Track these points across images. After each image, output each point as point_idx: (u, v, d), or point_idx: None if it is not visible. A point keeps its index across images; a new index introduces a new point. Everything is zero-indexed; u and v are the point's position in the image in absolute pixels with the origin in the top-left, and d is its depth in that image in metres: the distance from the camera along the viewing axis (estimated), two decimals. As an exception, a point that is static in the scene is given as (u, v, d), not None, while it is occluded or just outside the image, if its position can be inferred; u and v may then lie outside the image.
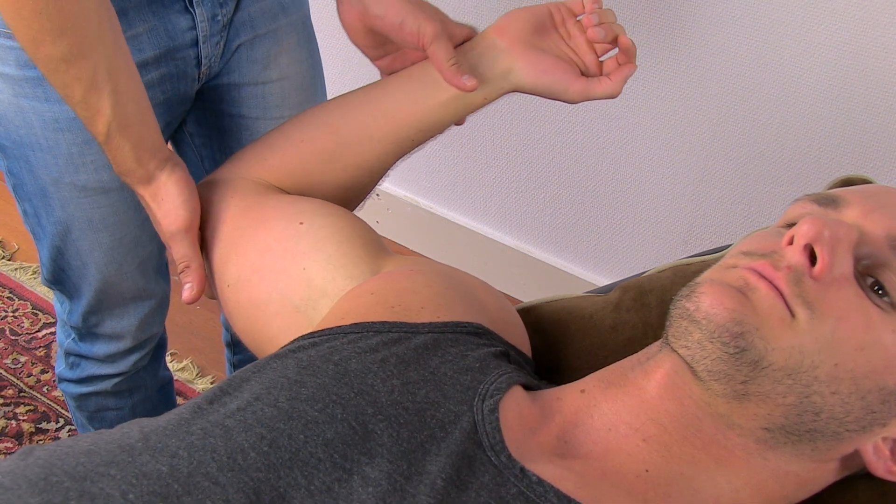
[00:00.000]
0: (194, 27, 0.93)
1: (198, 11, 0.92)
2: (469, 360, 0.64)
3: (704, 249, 0.94)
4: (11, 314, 1.87)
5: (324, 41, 1.13)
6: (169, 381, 1.30)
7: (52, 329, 1.83)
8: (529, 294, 1.83)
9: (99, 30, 0.73)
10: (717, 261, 0.66)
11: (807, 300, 0.57)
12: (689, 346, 0.58)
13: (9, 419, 1.65)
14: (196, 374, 1.77)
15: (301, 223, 0.77)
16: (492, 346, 0.67)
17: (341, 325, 0.66)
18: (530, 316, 0.82)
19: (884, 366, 0.57)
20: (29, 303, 1.89)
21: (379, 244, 0.79)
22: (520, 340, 0.73)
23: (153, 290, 1.10)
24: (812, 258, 0.58)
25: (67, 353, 1.16)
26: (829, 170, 1.41)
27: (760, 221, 1.52)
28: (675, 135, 1.55)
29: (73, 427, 1.63)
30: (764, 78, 1.41)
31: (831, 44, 1.32)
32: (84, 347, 1.14)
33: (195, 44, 0.94)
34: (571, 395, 0.64)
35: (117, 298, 1.07)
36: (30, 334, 1.83)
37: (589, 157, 1.68)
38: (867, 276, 0.59)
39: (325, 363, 0.61)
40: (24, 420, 1.65)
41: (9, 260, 2.00)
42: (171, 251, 0.82)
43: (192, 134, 1.08)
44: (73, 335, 1.14)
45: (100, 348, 1.13)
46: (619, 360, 0.66)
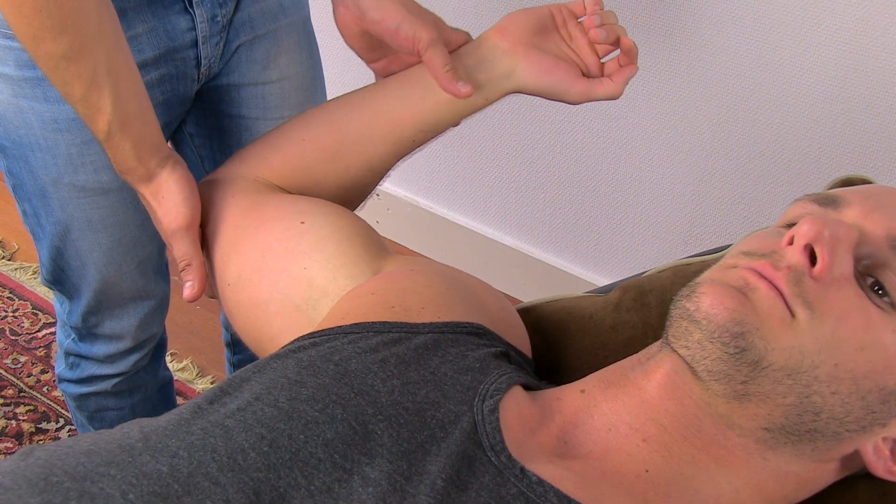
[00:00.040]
0: (194, 28, 0.93)
1: (197, 12, 0.92)
2: (469, 361, 0.64)
3: (704, 249, 0.94)
4: (11, 314, 1.87)
5: (324, 41, 1.13)
6: (169, 382, 1.30)
7: (52, 329, 1.83)
8: (529, 294, 1.83)
9: (99, 27, 0.73)
10: (717, 261, 0.66)
11: (807, 300, 0.57)
12: (690, 346, 0.58)
13: (9, 419, 1.65)
14: (196, 374, 1.77)
15: (302, 222, 0.77)
16: (492, 346, 0.67)
17: (342, 325, 0.66)
18: (530, 316, 0.82)
19: (884, 366, 0.57)
20: (29, 303, 1.89)
21: (380, 244, 0.79)
22: (520, 341, 0.73)
23: (153, 290, 1.10)
24: (812, 258, 0.58)
25: (67, 354, 1.16)
26: (829, 170, 1.41)
27: (760, 221, 1.52)
28: (675, 135, 1.55)
29: (73, 427, 1.63)
30: (764, 78, 1.41)
31: (831, 44, 1.32)
32: (84, 348, 1.14)
33: (195, 44, 0.94)
34: (571, 395, 0.64)
35: (117, 299, 1.07)
36: (30, 334, 1.83)
37: (589, 157, 1.68)
38: (867, 276, 0.59)
39: (326, 363, 0.61)
40: (24, 420, 1.65)
41: (9, 260, 2.00)
42: (171, 250, 0.82)
43: (192, 134, 1.08)
44: (72, 335, 1.14)
45: (100, 348, 1.13)
46: (619, 360, 0.66)
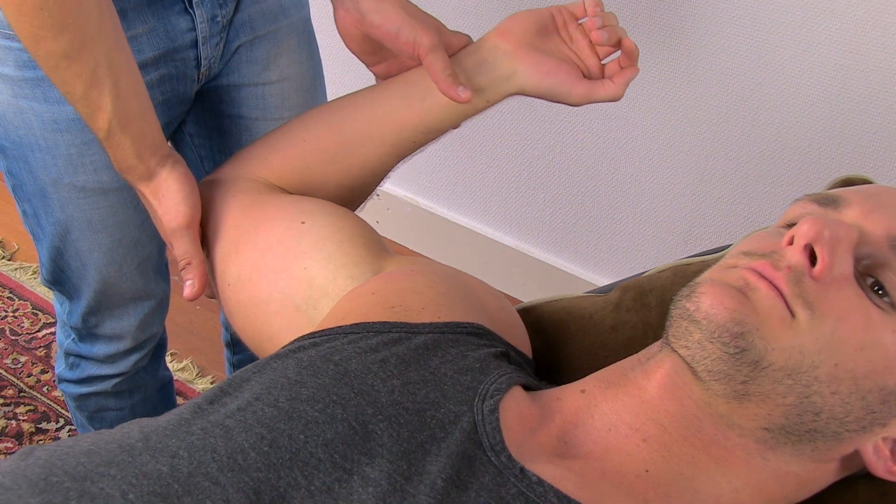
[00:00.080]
0: (194, 28, 0.93)
1: (197, 12, 0.92)
2: (469, 361, 0.64)
3: (704, 249, 0.94)
4: (11, 314, 1.87)
5: (324, 42, 1.13)
6: (169, 382, 1.30)
7: (52, 329, 1.83)
8: (529, 294, 1.83)
9: (100, 26, 0.73)
10: (717, 261, 0.66)
11: (807, 300, 0.57)
12: (690, 346, 0.58)
13: (9, 419, 1.65)
14: (196, 374, 1.77)
15: (303, 222, 0.77)
16: (492, 346, 0.67)
17: (342, 326, 0.66)
18: (530, 316, 0.82)
19: (884, 366, 0.57)
20: (29, 303, 1.89)
21: (380, 244, 0.79)
22: (520, 341, 0.73)
23: (153, 290, 1.10)
24: (812, 258, 0.58)
25: (67, 354, 1.16)
26: (829, 170, 1.41)
27: (760, 221, 1.51)
28: (675, 135, 1.55)
29: (73, 427, 1.63)
30: (764, 78, 1.41)
31: (831, 44, 1.32)
32: (84, 348, 1.13)
33: (195, 45, 0.94)
34: (571, 395, 0.64)
35: (117, 299, 1.07)
36: (30, 334, 1.83)
37: (589, 157, 1.68)
38: (867, 276, 0.59)
39: (326, 363, 0.61)
40: (24, 420, 1.65)
41: (9, 260, 2.00)
42: (171, 248, 0.82)
43: (192, 135, 1.08)
44: (72, 335, 1.14)
45: (99, 349, 1.13)
46: (619, 360, 0.66)
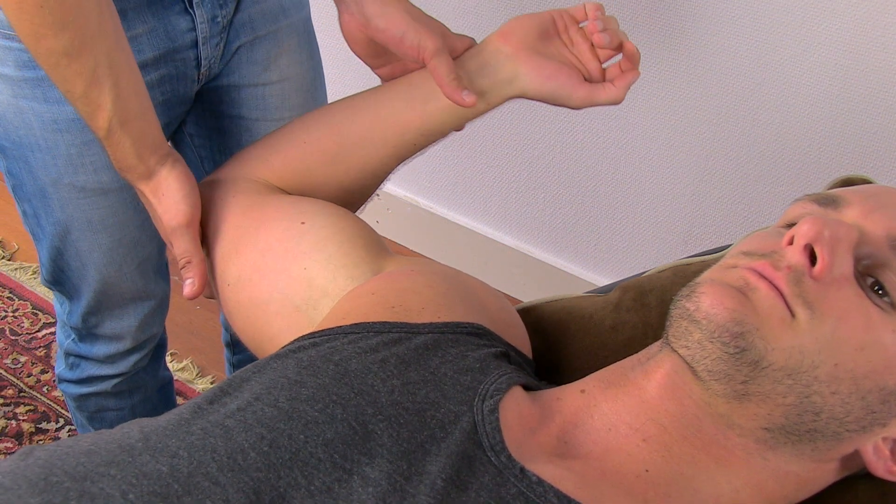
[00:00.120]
0: (194, 28, 0.93)
1: (197, 13, 0.92)
2: (469, 361, 0.64)
3: (704, 249, 0.94)
4: (11, 314, 1.87)
5: (324, 42, 1.13)
6: (169, 382, 1.30)
7: (52, 329, 1.83)
8: (529, 294, 1.83)
9: (100, 24, 0.73)
10: (717, 261, 0.66)
11: (807, 300, 0.57)
12: (690, 346, 0.58)
13: (9, 419, 1.65)
14: (196, 374, 1.77)
15: (303, 223, 0.77)
16: (492, 346, 0.67)
17: (342, 326, 0.66)
18: (530, 316, 0.82)
19: (884, 366, 0.57)
20: (29, 303, 1.89)
21: (380, 245, 0.79)
22: (520, 341, 0.73)
23: (153, 290, 1.10)
24: (812, 258, 0.58)
25: (67, 354, 1.16)
26: (829, 170, 1.41)
27: (760, 221, 1.51)
28: (675, 135, 1.55)
29: (73, 427, 1.63)
30: (764, 78, 1.41)
31: (831, 44, 1.32)
32: (84, 348, 1.13)
33: (195, 45, 0.94)
34: (571, 395, 0.64)
35: (117, 299, 1.07)
36: (30, 334, 1.83)
37: (589, 157, 1.68)
38: (867, 276, 0.59)
39: (326, 363, 0.61)
40: (24, 420, 1.65)
41: (9, 260, 2.00)
42: (171, 248, 0.82)
43: (192, 135, 1.08)
44: (72, 336, 1.14)
45: (100, 349, 1.13)
46: (619, 360, 0.66)
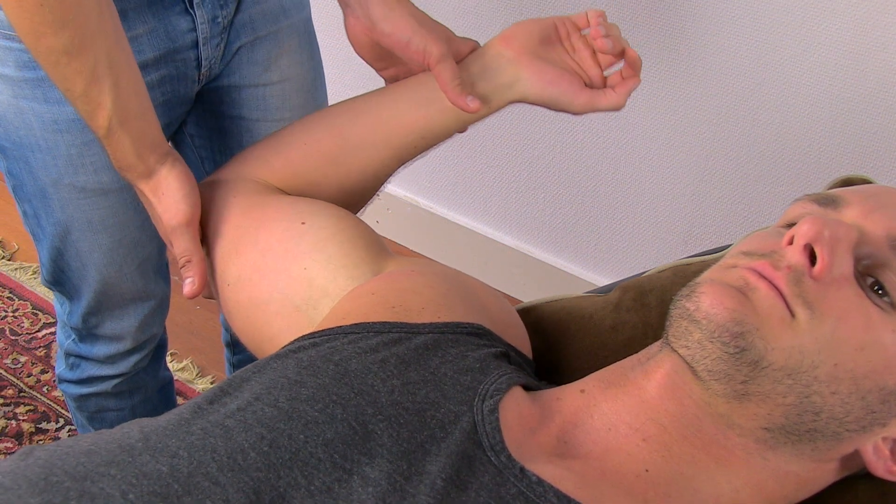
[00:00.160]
0: (194, 29, 0.93)
1: (198, 13, 0.92)
2: (469, 361, 0.64)
3: (704, 249, 0.94)
4: (11, 314, 1.87)
5: (324, 42, 1.13)
6: (169, 382, 1.30)
7: (52, 329, 1.83)
8: (529, 294, 1.83)
9: (100, 22, 0.73)
10: (717, 261, 0.66)
11: (807, 300, 0.57)
12: (690, 345, 0.58)
13: (9, 419, 1.65)
14: (196, 374, 1.77)
15: (303, 223, 0.77)
16: (492, 346, 0.67)
17: (342, 326, 0.66)
18: (530, 316, 0.82)
19: (884, 366, 0.57)
20: (29, 303, 1.89)
21: (380, 245, 0.79)
22: (520, 342, 0.73)
23: (153, 291, 1.10)
24: (812, 258, 0.58)
25: (67, 354, 1.16)
26: (829, 170, 1.41)
27: (760, 221, 1.51)
28: (675, 135, 1.55)
29: (73, 427, 1.63)
30: (764, 78, 1.41)
31: (831, 44, 1.32)
32: (84, 348, 1.13)
33: (195, 45, 0.94)
34: (571, 395, 0.64)
35: (117, 299, 1.07)
36: (30, 334, 1.83)
37: (589, 157, 1.68)
38: (867, 276, 0.59)
39: (326, 363, 0.61)
40: (24, 420, 1.65)
41: (9, 260, 2.00)
42: (171, 247, 0.82)
43: (193, 135, 1.08)
44: (73, 336, 1.14)
45: (100, 349, 1.13)
46: (619, 360, 0.66)
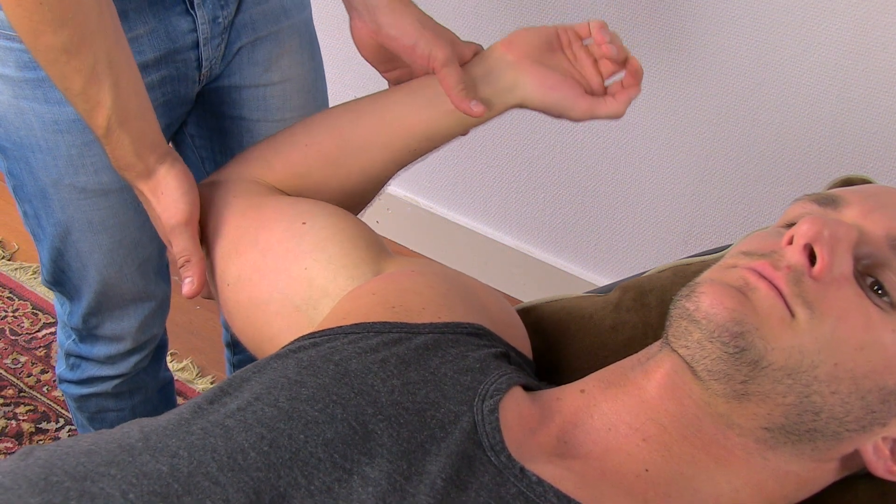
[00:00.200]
0: (195, 29, 0.93)
1: (199, 13, 0.92)
2: (469, 361, 0.64)
3: (704, 249, 0.94)
4: (11, 314, 1.87)
5: (324, 41, 1.13)
6: (169, 382, 1.30)
7: (52, 329, 1.83)
8: (529, 294, 1.83)
9: (100, 21, 0.73)
10: (717, 261, 0.66)
11: (806, 300, 0.57)
12: (689, 345, 0.58)
13: (9, 419, 1.65)
14: (196, 374, 1.77)
15: (303, 223, 0.77)
16: (492, 346, 0.67)
17: (342, 326, 0.66)
18: (530, 316, 0.82)
19: (883, 365, 0.57)
20: (29, 303, 1.89)
21: (380, 245, 0.79)
22: (520, 342, 0.74)
23: (153, 291, 1.10)
24: (812, 258, 0.58)
25: (68, 354, 1.16)
26: (829, 170, 1.41)
27: (760, 221, 1.51)
28: (675, 135, 1.55)
29: (73, 427, 1.63)
30: (764, 78, 1.41)
31: (831, 44, 1.32)
32: (84, 349, 1.13)
33: (196, 46, 0.94)
34: (571, 395, 0.64)
35: (117, 300, 1.07)
36: (30, 334, 1.83)
37: (589, 157, 1.68)
38: (867, 275, 0.59)
39: (326, 363, 0.61)
40: (24, 420, 1.65)
41: (9, 260, 2.00)
42: (170, 247, 0.82)
43: (193, 136, 1.08)
44: (73, 336, 1.14)
45: (100, 350, 1.13)
46: (619, 360, 0.66)
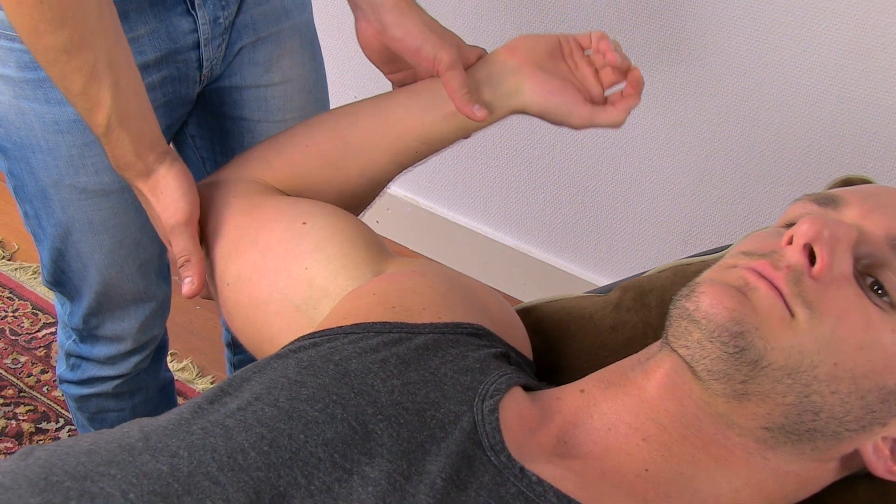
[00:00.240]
0: (196, 30, 0.93)
1: (199, 14, 0.92)
2: (469, 361, 0.64)
3: (704, 249, 0.95)
4: (11, 314, 1.87)
5: (324, 41, 1.13)
6: (170, 383, 1.30)
7: (52, 329, 1.83)
8: (529, 294, 1.83)
9: (100, 21, 0.73)
10: (717, 261, 0.66)
11: (806, 300, 0.57)
12: (689, 345, 0.58)
13: (9, 419, 1.65)
14: (196, 374, 1.77)
15: (304, 223, 0.77)
16: (492, 347, 0.67)
17: (342, 326, 0.66)
18: (530, 316, 0.82)
19: (883, 365, 0.57)
20: (29, 303, 1.89)
21: (381, 246, 0.79)
22: (520, 342, 0.74)
23: (154, 292, 1.10)
24: (811, 258, 0.58)
25: (68, 355, 1.16)
26: (829, 170, 1.41)
27: (760, 221, 1.52)
28: (675, 135, 1.55)
29: (73, 427, 1.63)
30: (764, 78, 1.41)
31: (831, 44, 1.32)
32: (85, 349, 1.14)
33: (197, 46, 0.94)
34: (571, 395, 0.64)
35: (118, 300, 1.07)
36: (30, 334, 1.83)
37: (589, 157, 1.68)
38: (867, 275, 0.59)
39: (326, 363, 0.61)
40: (24, 420, 1.65)
41: (9, 260, 2.00)
42: (170, 246, 0.82)
43: (194, 136, 1.08)
44: (73, 337, 1.14)
45: (100, 350, 1.13)
46: (619, 360, 0.66)
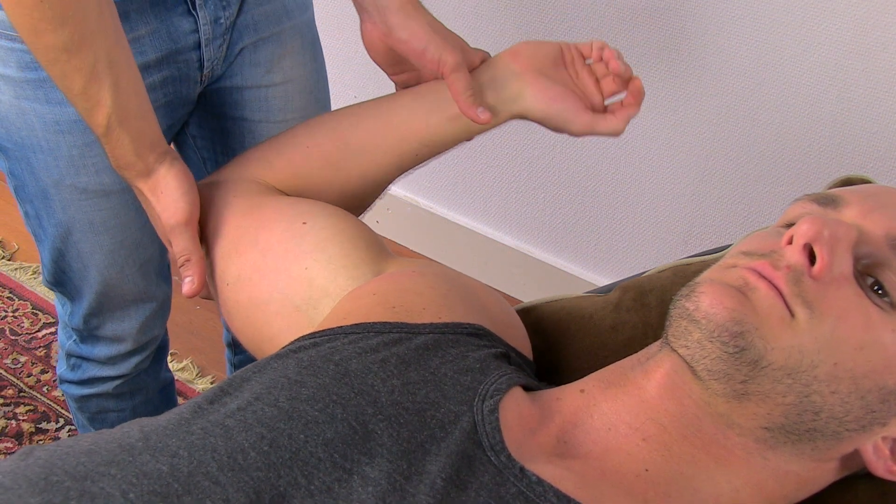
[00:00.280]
0: (197, 30, 0.93)
1: (200, 14, 0.92)
2: (469, 361, 0.64)
3: (704, 249, 0.95)
4: (11, 314, 1.87)
5: (324, 41, 1.13)
6: (170, 383, 1.30)
7: (52, 329, 1.83)
8: (529, 294, 1.83)
9: (100, 20, 0.73)
10: (717, 261, 0.66)
11: (806, 300, 0.57)
12: (689, 345, 0.58)
13: (9, 419, 1.65)
14: (196, 374, 1.77)
15: (304, 223, 0.77)
16: (492, 347, 0.68)
17: (342, 326, 0.66)
18: (530, 316, 0.82)
19: (883, 365, 0.57)
20: (29, 303, 1.89)
21: (381, 246, 0.79)
22: (520, 343, 0.74)
23: (154, 292, 1.10)
24: (811, 258, 0.58)
25: (69, 355, 1.16)
26: (829, 170, 1.41)
27: (760, 221, 1.52)
28: (675, 134, 1.55)
29: (74, 427, 1.63)
30: (764, 78, 1.41)
31: (831, 44, 1.32)
32: (85, 349, 1.14)
33: (197, 47, 0.94)
34: (571, 395, 0.64)
35: (118, 301, 1.07)
36: (30, 334, 1.83)
37: (589, 157, 1.68)
38: (867, 275, 0.60)
39: (326, 363, 0.61)
40: (24, 420, 1.65)
41: (9, 260, 2.00)
42: (170, 246, 0.82)
43: (195, 136, 1.08)
44: (74, 337, 1.14)
45: (101, 350, 1.13)
46: (619, 360, 0.66)
